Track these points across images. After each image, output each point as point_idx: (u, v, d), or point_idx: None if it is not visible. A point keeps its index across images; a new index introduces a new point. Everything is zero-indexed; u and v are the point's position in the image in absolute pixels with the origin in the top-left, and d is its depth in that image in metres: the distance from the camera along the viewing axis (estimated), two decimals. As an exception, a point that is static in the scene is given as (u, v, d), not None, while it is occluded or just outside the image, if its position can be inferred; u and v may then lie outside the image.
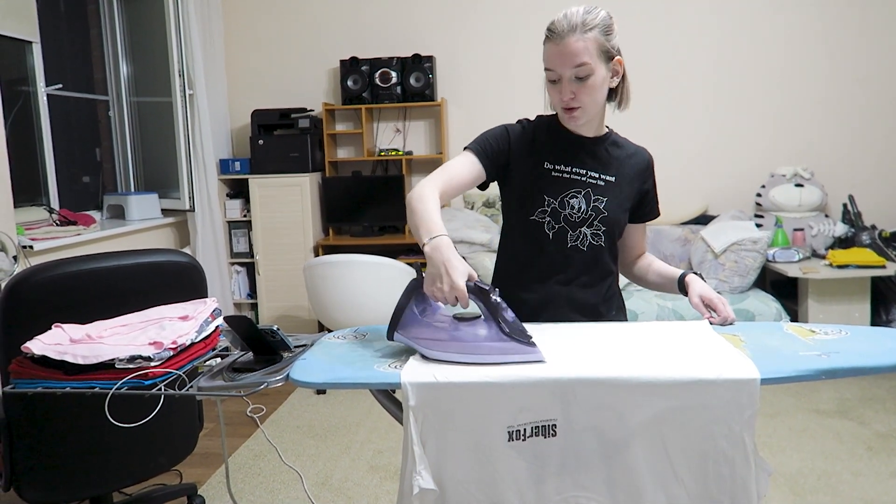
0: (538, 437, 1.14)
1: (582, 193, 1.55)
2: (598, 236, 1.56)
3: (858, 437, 2.94)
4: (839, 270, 3.63)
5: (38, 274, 1.69)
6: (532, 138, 1.59)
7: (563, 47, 1.44)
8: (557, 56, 1.45)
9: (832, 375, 1.17)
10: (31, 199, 3.51)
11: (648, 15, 4.29)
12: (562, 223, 1.54)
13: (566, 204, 1.54)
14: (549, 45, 1.47)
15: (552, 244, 1.55)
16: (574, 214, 1.54)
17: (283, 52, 4.61)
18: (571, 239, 1.55)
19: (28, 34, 3.42)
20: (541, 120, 1.63)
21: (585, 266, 1.57)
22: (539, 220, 1.54)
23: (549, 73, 1.49)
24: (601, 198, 1.55)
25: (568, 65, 1.45)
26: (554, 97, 1.51)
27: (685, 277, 1.58)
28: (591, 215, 1.55)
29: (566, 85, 1.47)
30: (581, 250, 1.56)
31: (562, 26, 1.45)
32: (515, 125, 1.61)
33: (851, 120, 4.25)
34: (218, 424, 3.18)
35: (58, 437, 1.79)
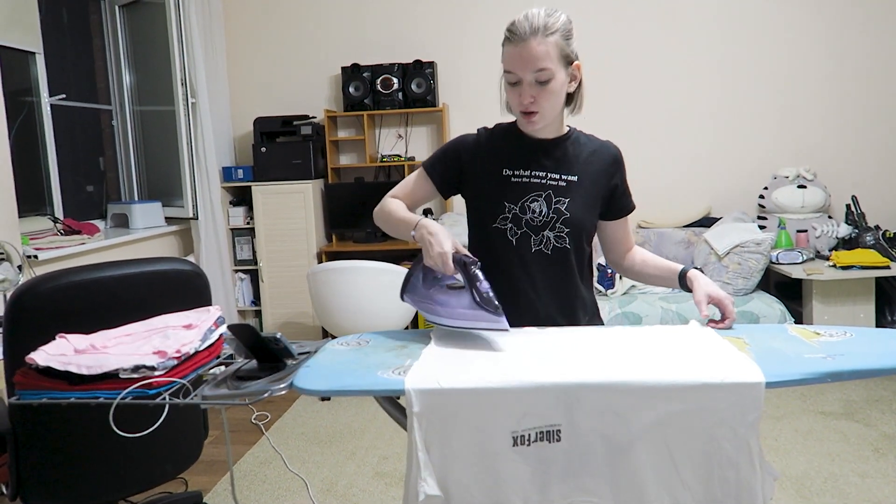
0: (543, 442, 1.14)
1: (543, 196, 1.53)
2: (562, 238, 1.54)
3: (865, 438, 2.92)
4: (843, 271, 3.62)
5: (42, 284, 1.70)
6: (490, 146, 1.59)
7: (525, 50, 1.42)
8: (518, 59, 1.43)
9: (838, 378, 1.16)
10: (36, 209, 3.52)
11: (651, 17, 4.29)
12: (524, 228, 1.53)
13: (527, 209, 1.53)
14: (509, 46, 1.45)
15: (516, 250, 1.54)
16: (535, 219, 1.53)
17: (285, 60, 4.63)
18: (535, 244, 1.54)
19: (31, 45, 3.44)
20: (499, 127, 1.63)
21: (552, 270, 1.55)
22: (501, 226, 1.54)
23: (509, 75, 1.47)
24: (563, 199, 1.53)
25: (529, 68, 1.44)
26: (513, 100, 1.50)
27: (687, 273, 1.55)
28: (553, 218, 1.53)
29: (526, 89, 1.46)
30: (545, 254, 1.54)
31: (523, 28, 1.43)
32: (470, 136, 1.62)
33: (854, 120, 4.25)
34: (223, 432, 3.18)
35: (63, 447, 1.79)
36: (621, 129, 4.43)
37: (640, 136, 4.33)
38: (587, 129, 1.69)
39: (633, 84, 4.34)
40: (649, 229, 4.29)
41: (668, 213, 4.37)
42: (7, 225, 2.76)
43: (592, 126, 1.69)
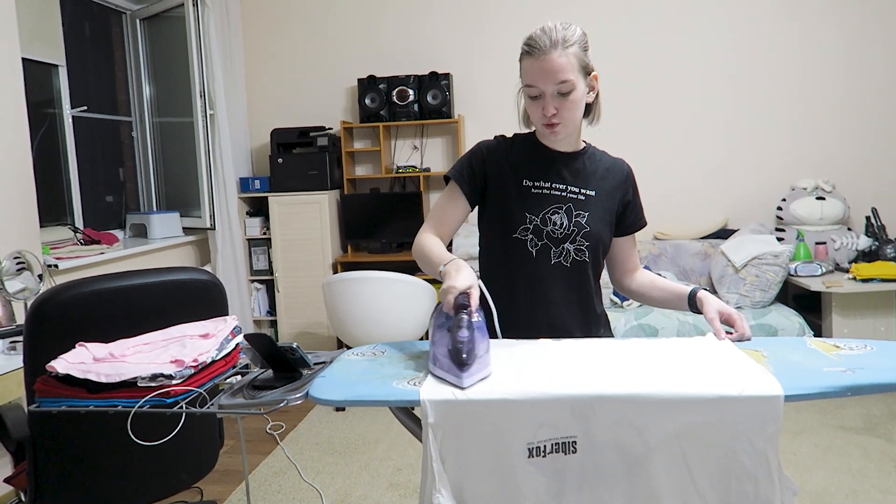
0: (558, 454, 1.14)
1: (563, 209, 1.55)
2: (582, 252, 1.55)
3: (886, 454, 2.87)
4: (863, 284, 3.58)
5: (62, 293, 1.72)
6: (510, 155, 1.60)
7: (547, 63, 1.44)
8: (541, 72, 1.45)
9: (857, 392, 1.15)
10: (57, 219, 3.57)
11: (668, 29, 4.29)
12: (545, 240, 1.54)
13: (548, 220, 1.54)
14: (529, 60, 1.47)
15: (536, 261, 1.54)
16: (556, 230, 1.54)
17: (302, 72, 4.67)
18: (555, 255, 1.54)
19: (54, 58, 3.50)
20: (518, 137, 1.64)
21: (570, 282, 1.56)
22: (522, 237, 1.54)
23: (531, 89, 1.48)
24: (583, 213, 1.55)
25: (551, 80, 1.45)
26: (535, 113, 1.51)
27: (696, 294, 1.54)
28: (574, 231, 1.54)
29: (549, 101, 1.47)
30: (565, 266, 1.55)
31: (543, 42, 1.45)
32: (491, 142, 1.63)
33: (872, 132, 4.21)
34: (238, 441, 3.19)
35: (81, 455, 1.81)
36: (638, 140, 4.44)
37: (657, 147, 4.31)
38: (604, 141, 1.71)
39: (649, 95, 4.33)
40: (665, 241, 4.26)
41: (684, 225, 4.35)
42: (28, 234, 2.81)
43: (610, 137, 1.69)
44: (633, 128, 4.29)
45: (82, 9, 3.94)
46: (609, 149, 1.69)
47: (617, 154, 1.69)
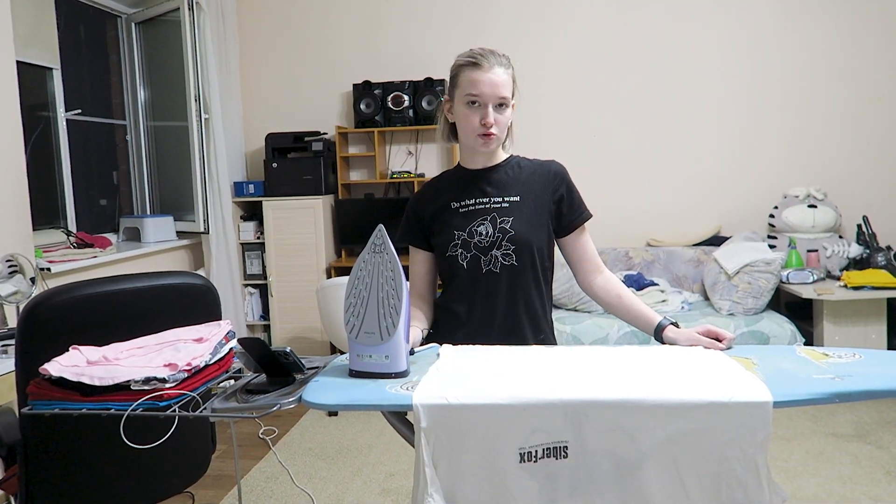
0: (550, 459, 1.14)
1: (488, 219, 1.63)
2: (510, 256, 1.61)
3: (877, 461, 2.89)
4: (854, 292, 3.60)
5: (55, 296, 1.72)
6: (437, 190, 1.72)
7: (494, 76, 1.56)
8: (487, 83, 1.55)
9: (846, 399, 1.16)
10: (50, 222, 3.56)
11: (662, 38, 4.32)
12: (472, 251, 1.62)
13: (474, 232, 1.62)
14: (475, 71, 1.56)
15: (468, 272, 1.62)
16: (483, 240, 1.62)
17: (297, 77, 4.68)
18: (484, 264, 1.62)
19: (49, 61, 3.50)
20: (443, 174, 1.77)
21: (504, 287, 1.62)
22: (453, 253, 1.63)
23: (473, 97, 1.56)
24: (507, 218, 1.62)
25: (496, 93, 1.56)
26: (472, 122, 1.58)
27: (665, 329, 1.53)
28: (499, 237, 1.61)
29: (489, 111, 1.56)
30: (495, 273, 1.61)
31: (490, 58, 1.56)
32: (418, 191, 1.76)
33: (865, 140, 4.24)
34: (230, 446, 3.18)
35: (73, 458, 1.80)
36: (632, 148, 4.47)
37: (651, 155, 4.33)
38: (600, 148, 1.73)
39: (643, 103, 4.35)
40: (659, 248, 4.28)
41: (677, 232, 4.37)
42: (21, 237, 2.80)
43: (605, 144, 1.72)
44: (628, 135, 4.31)
45: (77, 12, 3.94)
46: (604, 157, 1.72)
47: (612, 161, 1.72)
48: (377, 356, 1.29)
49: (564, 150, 4.38)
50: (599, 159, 4.29)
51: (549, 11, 4.32)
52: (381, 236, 1.33)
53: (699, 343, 1.46)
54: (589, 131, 4.25)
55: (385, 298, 1.29)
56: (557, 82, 4.33)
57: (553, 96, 4.32)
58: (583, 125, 4.34)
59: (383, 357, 1.28)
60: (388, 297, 1.28)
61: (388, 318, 1.28)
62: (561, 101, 4.35)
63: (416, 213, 1.73)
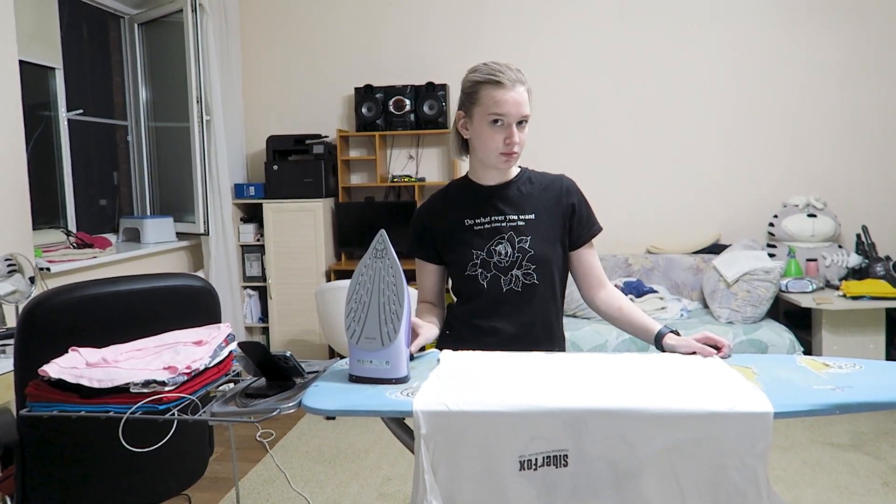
0: (549, 467, 1.14)
1: (506, 238, 1.63)
2: (530, 275, 1.62)
3: (874, 471, 2.89)
4: (853, 301, 3.61)
5: (55, 297, 1.71)
6: (448, 203, 1.71)
7: (517, 94, 1.55)
8: (512, 102, 1.54)
9: (846, 410, 1.16)
10: (49, 222, 3.56)
11: (662, 45, 4.33)
12: (493, 270, 1.62)
13: (493, 252, 1.63)
14: (499, 90, 1.54)
15: (488, 292, 1.63)
16: (502, 260, 1.62)
17: (299, 80, 4.68)
18: (505, 283, 1.62)
19: (51, 60, 3.50)
20: (452, 184, 1.75)
21: (525, 306, 1.63)
22: (472, 273, 1.63)
23: (499, 116, 1.55)
24: (525, 237, 1.62)
25: (520, 112, 1.56)
26: (496, 141, 1.57)
27: (664, 336, 1.53)
28: (518, 257, 1.62)
29: (514, 130, 1.56)
30: (516, 292, 1.62)
31: (510, 75, 1.55)
32: (426, 203, 1.75)
33: (865, 150, 4.25)
34: (226, 448, 3.17)
35: (70, 460, 1.80)
36: (632, 155, 4.47)
37: (651, 162, 4.34)
38: (600, 156, 1.73)
39: (643, 111, 4.36)
40: (658, 255, 4.29)
41: (677, 239, 4.37)
42: (21, 237, 2.79)
43: (604, 152, 1.73)
44: (627, 143, 4.31)
45: (80, 12, 3.94)
46: (604, 164, 1.73)
47: (612, 169, 1.73)
48: (378, 362, 1.28)
49: (563, 158, 4.39)
50: (599, 166, 4.30)
51: (548, 19, 4.32)
52: (383, 241, 1.33)
53: (697, 351, 1.46)
54: (588, 139, 4.25)
55: (386, 304, 1.28)
56: (557, 89, 4.34)
57: (552, 103, 4.33)
58: (582, 133, 4.34)
59: (384, 363, 1.28)
60: (390, 302, 1.28)
61: (390, 324, 1.28)
62: (560, 108, 4.35)
63: (426, 227, 1.72)
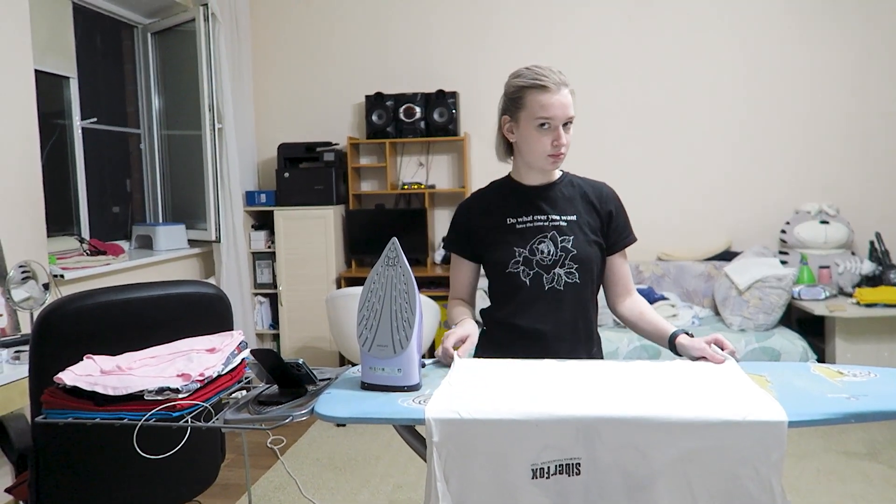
0: (562, 475, 1.14)
1: (548, 237, 1.65)
2: (573, 274, 1.64)
3: (889, 480, 2.86)
4: (867, 309, 3.57)
5: (69, 304, 1.73)
6: (488, 202, 1.74)
7: (563, 97, 1.58)
8: (559, 105, 1.57)
9: (861, 419, 1.15)
10: (63, 229, 3.59)
11: (673, 51, 4.32)
12: (535, 268, 1.64)
13: (535, 250, 1.64)
14: (545, 94, 1.57)
15: (530, 289, 1.64)
16: (545, 258, 1.64)
17: (310, 87, 4.71)
18: (547, 281, 1.64)
19: (66, 70, 3.54)
20: (493, 184, 1.79)
21: (565, 305, 1.64)
22: (514, 270, 1.64)
23: (546, 119, 1.58)
24: (567, 237, 1.64)
25: (565, 114, 1.58)
26: (543, 144, 1.60)
27: (677, 337, 1.55)
28: (562, 255, 1.63)
29: (561, 132, 1.58)
30: (558, 290, 1.64)
31: (555, 78, 1.58)
32: (467, 200, 1.79)
33: (877, 156, 4.22)
34: (237, 455, 3.18)
35: (83, 466, 1.81)
36: (643, 162, 4.46)
37: (662, 169, 4.33)
38: (610, 162, 1.76)
39: (654, 116, 4.35)
40: (669, 262, 4.27)
41: (688, 246, 4.35)
42: (35, 244, 2.82)
43: (615, 159, 1.75)
44: (638, 149, 4.31)
45: (95, 22, 3.98)
46: (614, 170, 1.75)
47: (622, 175, 1.74)
48: (390, 369, 1.29)
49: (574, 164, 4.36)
50: (609, 173, 4.24)
51: (557, 25, 4.33)
52: (395, 249, 1.33)
53: (705, 352, 1.47)
54: (598, 145, 4.24)
55: (398, 311, 1.29)
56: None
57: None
58: (592, 139, 4.33)
59: (396, 370, 1.28)
60: (402, 310, 1.29)
61: (402, 332, 1.28)
62: (572, 114, 4.34)
63: (466, 226, 1.75)
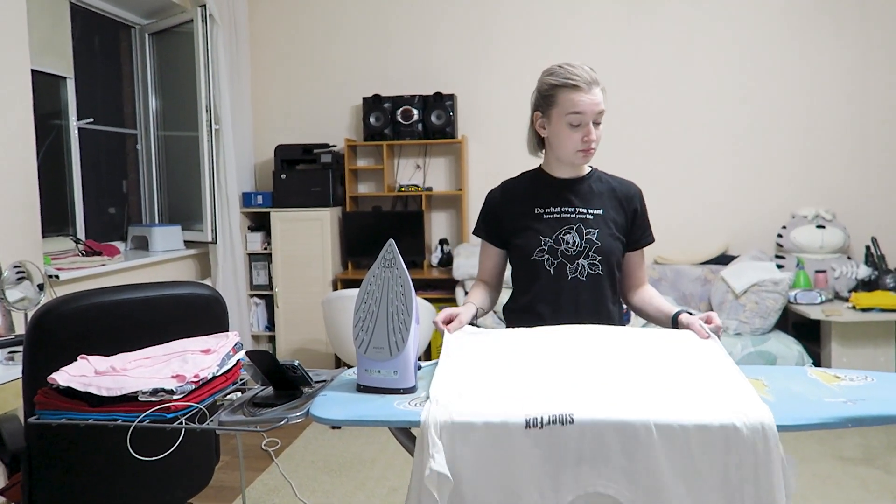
0: (556, 425, 1.13)
1: (574, 229, 1.72)
2: (595, 265, 1.71)
3: (885, 485, 2.86)
4: (863, 314, 3.58)
5: (64, 305, 1.72)
6: (518, 191, 1.80)
7: (594, 95, 1.64)
8: (589, 103, 1.63)
9: (858, 424, 1.15)
10: (59, 230, 3.58)
11: (671, 56, 4.33)
12: (560, 258, 1.71)
13: (561, 240, 1.71)
14: (577, 93, 1.63)
15: (554, 278, 1.71)
16: (570, 249, 1.71)
17: (308, 89, 4.71)
18: (571, 271, 1.71)
19: (63, 70, 3.53)
20: (525, 174, 1.84)
21: (588, 294, 1.72)
22: (539, 258, 1.72)
23: (576, 117, 1.64)
24: (592, 230, 1.72)
25: (596, 111, 1.64)
26: (573, 140, 1.67)
27: (679, 316, 1.63)
28: (586, 247, 1.71)
29: (591, 128, 1.65)
30: (581, 280, 1.71)
31: (586, 77, 1.64)
32: (497, 189, 1.85)
33: (874, 161, 4.23)
34: (231, 457, 3.17)
35: (77, 468, 1.80)
36: (640, 165, 4.46)
37: (659, 172, 4.33)
38: (609, 165, 1.82)
39: (652, 121, 4.36)
40: (665, 265, 4.27)
41: (684, 250, 4.35)
42: (31, 244, 2.81)
43: (613, 162, 1.79)
44: (634, 152, 4.31)
45: (92, 22, 3.98)
46: (611, 172, 1.80)
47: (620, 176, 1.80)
48: (385, 371, 1.28)
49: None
50: (607, 176, 4.27)
51: (555, 29, 4.33)
52: (392, 251, 1.33)
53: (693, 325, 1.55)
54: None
55: (395, 314, 1.28)
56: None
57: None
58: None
59: (392, 372, 1.28)
60: (398, 312, 1.28)
61: (398, 334, 1.28)
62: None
63: (495, 213, 1.81)
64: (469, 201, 4.51)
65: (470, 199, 4.52)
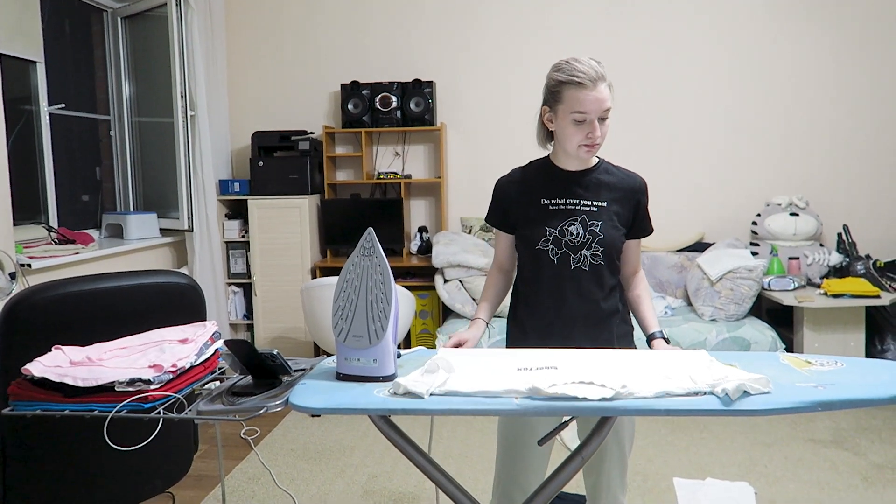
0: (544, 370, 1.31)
1: (578, 220, 1.75)
2: (598, 256, 1.75)
3: (854, 467, 2.93)
4: (834, 300, 3.65)
5: (37, 294, 1.70)
6: (526, 180, 1.83)
7: (599, 93, 1.66)
8: (594, 101, 1.65)
9: (828, 407, 1.18)
10: (31, 218, 3.51)
11: (649, 46, 4.35)
12: (563, 248, 1.75)
13: (565, 231, 1.75)
14: (582, 91, 1.65)
15: (557, 268, 1.75)
16: (573, 240, 1.74)
17: (285, 75, 4.65)
18: (574, 262, 1.75)
19: (32, 54, 3.45)
20: (534, 163, 1.87)
21: (590, 284, 1.76)
22: (544, 248, 1.75)
23: (580, 114, 1.66)
24: (596, 222, 1.75)
25: (601, 108, 1.67)
26: (578, 136, 1.70)
27: (653, 340, 1.77)
28: (589, 239, 1.74)
29: (596, 125, 1.67)
30: (583, 270, 1.75)
31: (591, 74, 1.65)
32: (506, 176, 1.88)
33: (847, 150, 4.30)
34: (210, 446, 3.16)
35: (52, 459, 1.78)
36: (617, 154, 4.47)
37: (635, 161, 4.33)
38: None
39: (629, 110, 4.38)
40: (643, 252, 4.30)
41: (661, 237, 4.39)
42: (2, 233, 2.76)
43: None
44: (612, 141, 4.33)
45: (62, 5, 3.89)
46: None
47: None
48: (365, 360, 1.29)
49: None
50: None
51: (539, 18, 4.33)
52: (371, 239, 1.33)
53: None
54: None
55: (374, 302, 1.28)
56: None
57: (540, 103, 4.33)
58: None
59: (371, 361, 1.28)
60: (377, 300, 1.28)
61: (377, 322, 1.28)
62: (548, 105, 4.35)
63: (504, 200, 1.85)
64: (448, 189, 4.51)
65: (449, 187, 4.51)
